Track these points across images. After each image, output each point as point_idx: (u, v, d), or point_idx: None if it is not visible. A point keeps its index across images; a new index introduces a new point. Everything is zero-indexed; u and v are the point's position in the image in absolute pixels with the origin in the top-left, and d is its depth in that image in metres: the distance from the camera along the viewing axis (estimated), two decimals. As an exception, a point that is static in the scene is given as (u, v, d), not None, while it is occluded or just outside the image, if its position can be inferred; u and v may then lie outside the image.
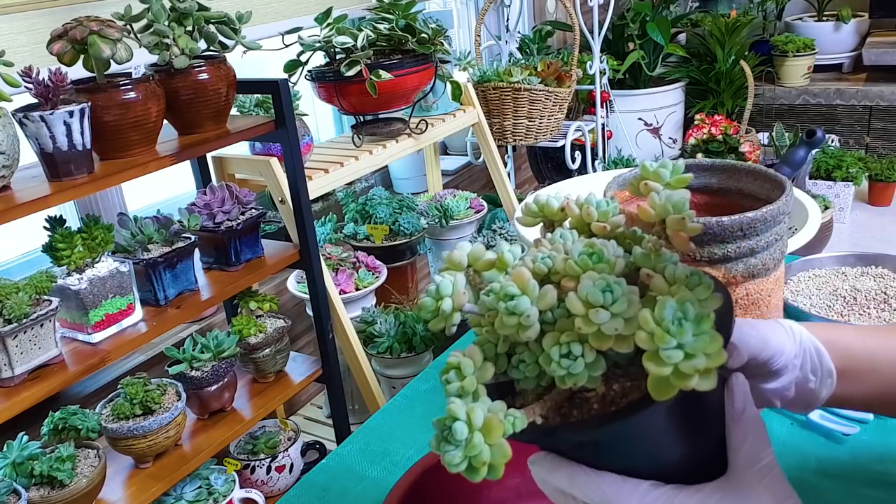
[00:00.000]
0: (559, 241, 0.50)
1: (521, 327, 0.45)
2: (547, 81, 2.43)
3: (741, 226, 0.72)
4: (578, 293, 0.44)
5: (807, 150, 2.52)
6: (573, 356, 0.44)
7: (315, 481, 0.90)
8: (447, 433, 0.43)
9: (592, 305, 0.43)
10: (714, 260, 0.74)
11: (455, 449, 0.43)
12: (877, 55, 3.59)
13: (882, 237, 3.09)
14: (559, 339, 0.45)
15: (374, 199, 2.10)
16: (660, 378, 0.42)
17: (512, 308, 0.45)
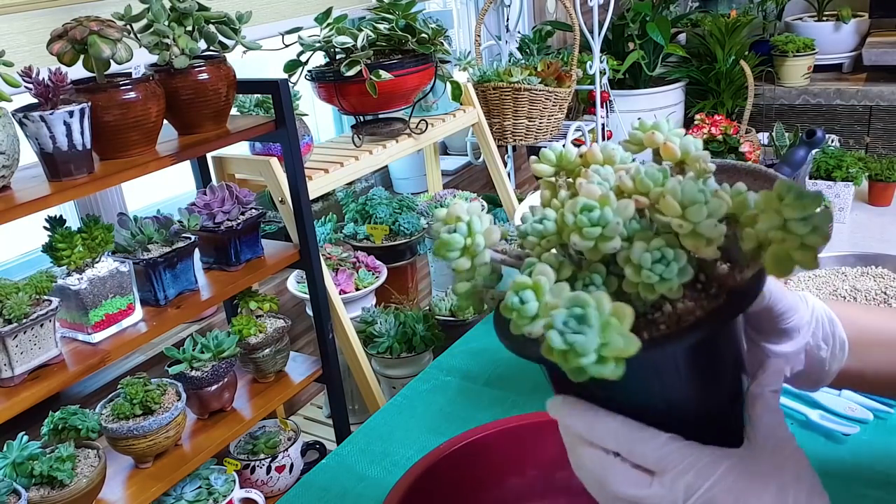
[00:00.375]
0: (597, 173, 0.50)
1: (602, 238, 0.44)
2: (547, 81, 2.43)
3: None
4: (673, 193, 0.44)
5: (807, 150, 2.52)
6: (666, 260, 0.44)
7: (315, 481, 0.90)
8: (574, 321, 0.41)
9: (690, 204, 0.43)
10: None
11: (585, 337, 0.40)
12: (877, 55, 3.59)
13: (882, 237, 3.09)
14: (649, 246, 0.44)
15: (374, 199, 2.10)
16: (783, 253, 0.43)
17: (594, 220, 0.45)
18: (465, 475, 0.78)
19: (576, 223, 0.45)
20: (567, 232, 0.46)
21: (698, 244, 0.44)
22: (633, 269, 0.45)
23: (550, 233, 0.48)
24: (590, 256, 0.47)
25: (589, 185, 0.47)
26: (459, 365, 1.12)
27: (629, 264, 0.45)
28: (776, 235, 0.43)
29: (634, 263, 0.45)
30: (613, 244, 0.45)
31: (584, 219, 0.45)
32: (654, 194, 0.46)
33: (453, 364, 1.12)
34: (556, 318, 0.41)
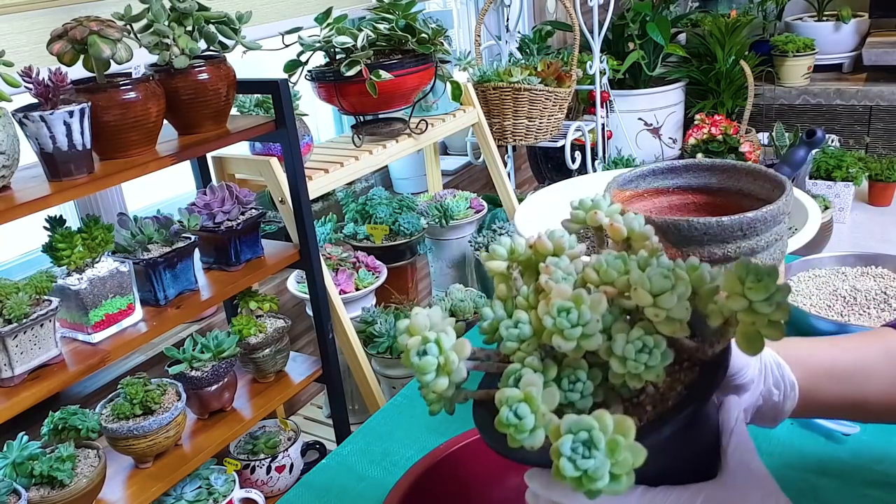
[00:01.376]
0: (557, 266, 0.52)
1: (584, 337, 0.46)
2: (547, 81, 2.43)
3: (741, 226, 0.72)
4: (642, 284, 0.46)
5: (807, 150, 2.52)
6: (648, 349, 0.46)
7: (315, 481, 0.90)
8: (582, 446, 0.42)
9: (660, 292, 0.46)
10: (714, 260, 0.74)
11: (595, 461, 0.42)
12: (877, 55, 3.59)
13: (882, 237, 3.09)
14: (629, 337, 0.47)
15: (374, 199, 2.10)
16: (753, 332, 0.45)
17: (574, 321, 0.46)
18: (465, 475, 0.78)
19: (556, 325, 0.47)
20: (547, 334, 0.48)
21: (674, 328, 0.47)
22: (618, 361, 0.47)
23: (528, 336, 0.49)
24: (572, 354, 0.48)
25: (559, 285, 0.49)
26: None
27: (614, 357, 0.47)
28: (745, 318, 0.45)
29: (619, 356, 0.47)
30: (595, 341, 0.47)
31: (563, 321, 0.47)
32: (619, 283, 0.49)
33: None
34: (563, 445, 0.42)
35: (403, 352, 0.51)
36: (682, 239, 0.74)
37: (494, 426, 0.49)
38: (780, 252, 0.78)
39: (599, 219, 0.56)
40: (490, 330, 0.53)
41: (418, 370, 0.50)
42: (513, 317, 0.51)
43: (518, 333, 0.50)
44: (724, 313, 0.47)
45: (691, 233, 0.73)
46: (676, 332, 0.47)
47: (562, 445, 0.42)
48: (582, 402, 0.50)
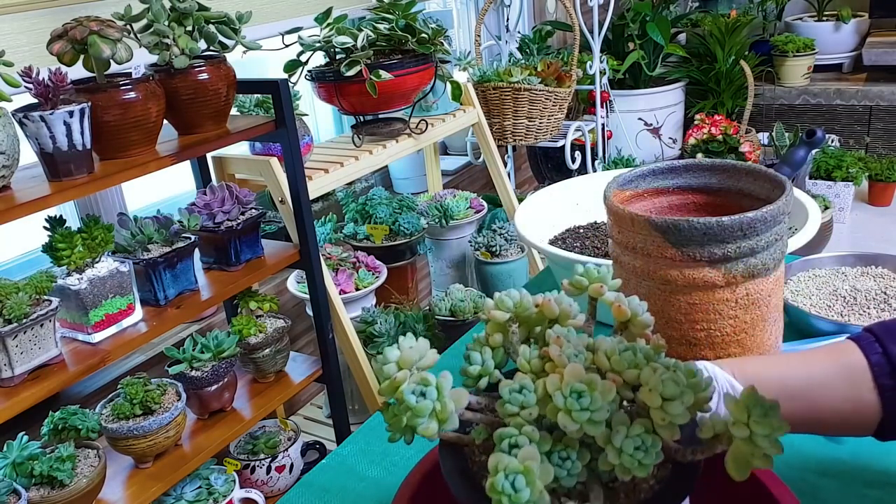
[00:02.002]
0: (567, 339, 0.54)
1: (590, 423, 0.48)
2: (547, 81, 2.43)
3: (741, 226, 0.72)
4: (655, 386, 0.48)
5: (807, 150, 2.52)
6: (644, 447, 0.48)
7: (315, 481, 0.90)
8: None
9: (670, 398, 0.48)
10: (714, 260, 0.75)
11: None
12: (877, 55, 3.59)
13: (882, 237, 3.09)
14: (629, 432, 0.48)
15: (374, 199, 2.10)
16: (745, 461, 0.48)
17: (585, 405, 0.48)
18: None
19: (566, 405, 0.48)
20: (552, 410, 0.49)
21: (673, 434, 0.48)
22: (614, 452, 0.48)
23: (531, 405, 0.50)
24: (571, 435, 0.49)
25: (574, 365, 0.50)
26: (459, 365, 1.11)
27: (611, 447, 0.48)
28: (742, 445, 0.47)
29: (616, 448, 0.48)
30: (599, 428, 0.48)
31: (574, 403, 0.48)
32: (628, 375, 0.50)
33: (453, 364, 1.12)
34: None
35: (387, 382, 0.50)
36: (682, 239, 0.74)
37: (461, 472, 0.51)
38: (780, 252, 0.78)
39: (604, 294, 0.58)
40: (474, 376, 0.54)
41: (413, 412, 0.49)
42: (516, 379, 0.51)
43: (522, 400, 0.50)
44: (717, 430, 0.49)
45: (691, 233, 0.73)
46: (672, 438, 0.49)
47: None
48: (567, 480, 0.50)
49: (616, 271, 0.84)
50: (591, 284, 0.59)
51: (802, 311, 1.05)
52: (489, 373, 0.55)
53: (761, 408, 0.47)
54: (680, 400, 0.48)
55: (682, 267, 0.76)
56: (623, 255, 0.81)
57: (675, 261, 0.75)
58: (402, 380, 0.50)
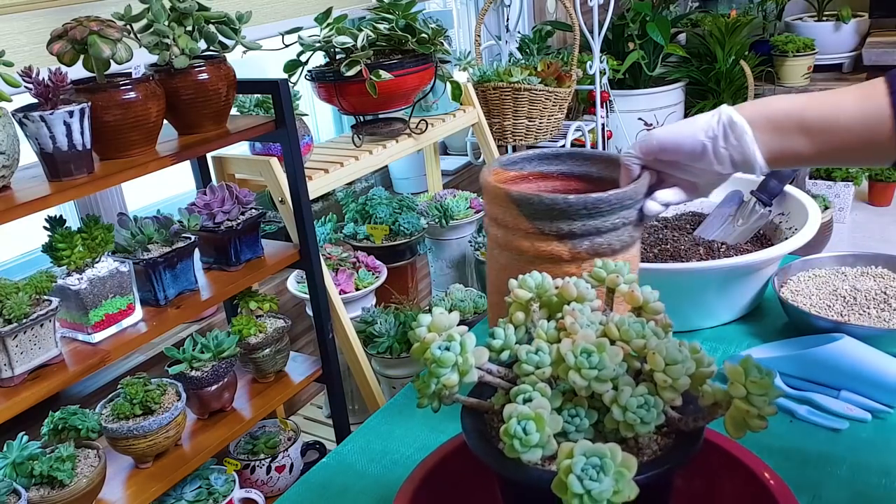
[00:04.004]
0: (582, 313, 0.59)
1: (597, 380, 0.53)
2: (547, 81, 2.43)
3: (585, 205, 0.78)
4: (660, 351, 0.54)
5: (807, 150, 2.52)
6: (647, 406, 0.53)
7: (315, 480, 0.90)
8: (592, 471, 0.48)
9: (672, 363, 0.54)
10: (561, 235, 0.80)
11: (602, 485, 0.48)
12: (877, 55, 3.59)
13: (882, 237, 3.09)
14: (634, 392, 0.54)
15: (374, 199, 2.10)
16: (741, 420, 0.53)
17: (593, 363, 0.53)
18: None
19: (576, 363, 0.54)
20: (564, 369, 0.54)
21: (674, 396, 0.54)
22: (620, 409, 0.53)
23: (546, 365, 0.56)
24: (580, 392, 0.55)
25: (585, 330, 0.56)
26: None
27: (616, 405, 0.54)
28: (739, 405, 0.52)
29: (621, 406, 0.53)
30: (606, 386, 0.54)
31: (584, 361, 0.54)
32: (635, 344, 0.56)
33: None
34: (576, 464, 0.48)
35: (418, 343, 0.56)
36: (533, 212, 0.80)
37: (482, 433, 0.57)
38: (629, 236, 0.83)
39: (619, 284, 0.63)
40: (497, 349, 0.59)
41: (437, 362, 0.55)
42: (533, 343, 0.57)
43: (537, 360, 0.56)
44: (717, 396, 0.54)
45: (541, 207, 0.79)
46: (674, 401, 0.54)
47: (574, 464, 0.48)
48: (575, 435, 0.55)
49: (487, 244, 0.91)
50: (608, 275, 0.64)
51: (802, 310, 1.05)
52: (510, 347, 0.59)
53: (757, 371, 0.52)
54: (682, 364, 0.53)
55: (532, 239, 0.82)
56: (490, 227, 0.88)
57: (528, 233, 0.81)
58: (432, 340, 0.56)
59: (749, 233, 1.24)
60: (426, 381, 0.56)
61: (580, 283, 0.62)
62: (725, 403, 0.53)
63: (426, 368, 0.56)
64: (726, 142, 0.74)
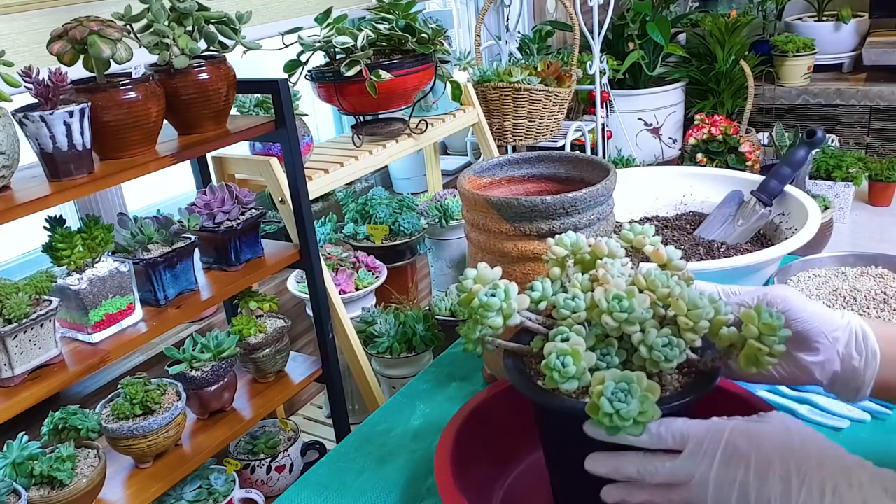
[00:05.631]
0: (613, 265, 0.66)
1: (627, 322, 0.60)
2: (547, 81, 2.43)
3: (563, 204, 0.83)
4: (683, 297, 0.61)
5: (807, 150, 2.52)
6: (671, 346, 0.60)
7: (315, 480, 0.90)
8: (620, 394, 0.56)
9: (693, 308, 0.60)
10: (542, 234, 0.85)
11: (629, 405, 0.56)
12: (877, 55, 3.59)
13: (882, 237, 3.09)
14: (659, 333, 0.60)
15: (374, 199, 2.10)
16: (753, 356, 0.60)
17: (624, 307, 0.60)
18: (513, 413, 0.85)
19: (608, 308, 0.61)
20: (598, 312, 0.61)
21: (693, 337, 0.61)
22: (646, 348, 0.60)
23: (581, 310, 0.63)
24: (610, 333, 0.62)
25: (616, 279, 0.63)
26: (459, 364, 1.12)
27: (643, 344, 0.60)
28: (751, 343, 0.59)
29: (648, 345, 0.60)
30: (634, 328, 0.60)
31: (615, 305, 0.60)
32: (660, 293, 0.62)
33: (453, 363, 1.12)
34: (607, 387, 0.56)
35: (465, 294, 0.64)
36: (513, 215, 0.85)
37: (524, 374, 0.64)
38: (605, 231, 0.88)
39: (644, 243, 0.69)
40: (536, 300, 0.66)
41: (483, 307, 0.62)
42: (570, 292, 0.64)
43: (574, 305, 0.63)
44: (733, 339, 0.61)
45: (521, 209, 0.84)
46: (694, 342, 0.61)
47: (606, 388, 0.56)
48: None
49: (468, 249, 0.95)
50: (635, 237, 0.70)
51: (802, 310, 1.04)
52: (547, 298, 0.66)
53: (769, 314, 0.59)
54: (702, 310, 0.60)
55: (515, 240, 0.86)
56: (472, 233, 0.92)
57: (510, 235, 0.86)
58: (478, 290, 0.63)
59: (749, 233, 1.24)
60: (471, 327, 0.63)
61: (611, 242, 0.68)
62: (740, 344, 0.60)
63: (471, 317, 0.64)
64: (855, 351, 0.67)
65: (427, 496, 0.85)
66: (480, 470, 0.80)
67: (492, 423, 0.83)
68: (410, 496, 0.85)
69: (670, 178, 1.40)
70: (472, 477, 0.77)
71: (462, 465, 0.75)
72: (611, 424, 0.55)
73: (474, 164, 0.98)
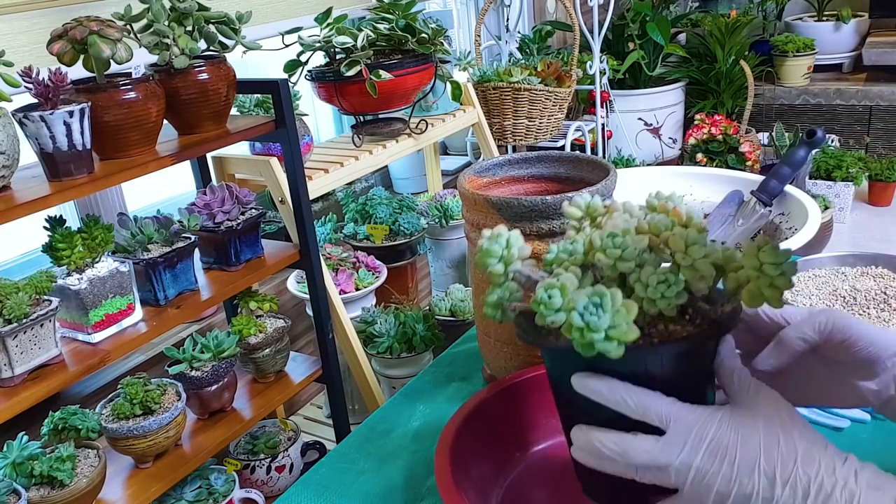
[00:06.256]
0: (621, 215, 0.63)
1: (621, 259, 0.58)
2: (547, 81, 2.43)
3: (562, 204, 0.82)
4: (681, 235, 0.58)
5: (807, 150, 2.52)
6: (668, 283, 0.57)
7: (315, 480, 0.90)
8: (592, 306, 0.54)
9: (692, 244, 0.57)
10: (542, 234, 0.85)
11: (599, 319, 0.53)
12: (877, 55, 3.59)
13: (882, 237, 3.09)
14: (655, 270, 0.58)
15: (374, 199, 2.10)
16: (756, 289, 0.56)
17: (617, 244, 0.58)
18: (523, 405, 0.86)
19: (602, 245, 0.59)
20: (593, 252, 0.59)
21: (693, 276, 0.57)
22: (641, 286, 0.58)
23: (578, 253, 0.62)
24: (607, 274, 0.60)
25: (616, 220, 0.60)
26: (459, 364, 1.12)
27: (639, 283, 0.58)
28: (752, 275, 0.56)
29: (643, 282, 0.57)
30: (629, 265, 0.58)
31: (609, 242, 0.58)
32: (664, 236, 0.60)
33: (453, 363, 1.12)
34: (578, 303, 0.54)
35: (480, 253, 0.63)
36: (513, 215, 0.85)
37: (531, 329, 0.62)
38: None
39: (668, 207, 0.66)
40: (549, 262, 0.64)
41: (485, 254, 0.62)
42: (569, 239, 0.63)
43: (571, 248, 0.62)
44: (740, 279, 0.57)
45: (520, 209, 0.84)
46: (694, 282, 0.57)
47: (577, 303, 0.54)
48: None
49: (469, 249, 0.94)
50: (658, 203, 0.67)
51: (802, 310, 1.04)
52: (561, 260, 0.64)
53: (771, 246, 0.56)
54: (701, 247, 0.57)
55: None
56: (472, 233, 0.92)
57: None
58: None
59: (749, 233, 1.24)
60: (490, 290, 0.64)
61: (628, 203, 0.66)
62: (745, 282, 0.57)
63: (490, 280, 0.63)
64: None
65: (427, 496, 0.85)
66: (480, 470, 0.80)
67: (492, 423, 0.83)
68: (410, 496, 0.85)
69: (670, 178, 1.40)
70: (472, 477, 0.77)
71: (462, 465, 0.75)
72: (582, 340, 0.53)
73: (474, 164, 0.99)
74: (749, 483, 0.54)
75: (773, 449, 0.55)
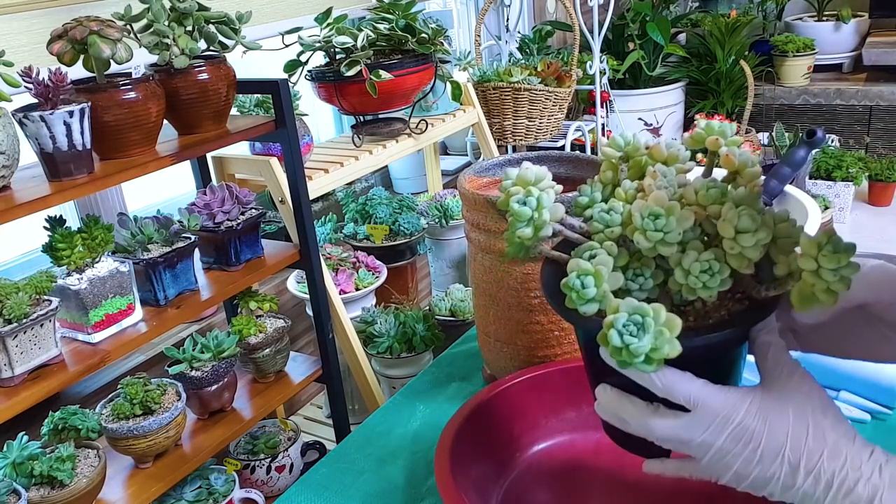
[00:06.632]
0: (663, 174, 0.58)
1: (662, 243, 0.53)
2: (547, 81, 2.43)
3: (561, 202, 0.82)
4: (731, 219, 0.52)
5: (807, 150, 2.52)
6: (711, 271, 0.52)
7: (315, 480, 0.90)
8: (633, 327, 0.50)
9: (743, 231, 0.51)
10: None
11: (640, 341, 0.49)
12: (877, 55, 3.59)
13: (882, 237, 3.09)
14: (699, 256, 0.53)
15: (374, 199, 2.10)
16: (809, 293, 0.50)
17: (660, 226, 0.53)
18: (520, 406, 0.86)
19: (642, 225, 0.53)
20: (632, 230, 0.54)
21: (741, 264, 0.52)
22: (682, 272, 0.53)
23: (615, 224, 0.56)
24: (646, 253, 0.55)
25: (658, 192, 0.54)
26: (459, 364, 1.12)
27: (680, 268, 0.53)
28: (808, 277, 0.50)
29: (684, 269, 0.53)
30: (671, 250, 0.53)
31: (650, 223, 0.53)
32: (712, 209, 0.54)
33: (453, 363, 1.12)
34: (617, 319, 0.50)
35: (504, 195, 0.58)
36: None
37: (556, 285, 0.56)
38: None
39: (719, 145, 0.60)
40: (583, 206, 0.60)
41: (514, 216, 0.57)
42: (608, 203, 0.57)
43: (608, 219, 0.56)
44: (791, 267, 0.52)
45: None
46: (742, 268, 0.52)
47: (616, 319, 0.50)
48: (638, 294, 0.56)
49: (469, 248, 0.94)
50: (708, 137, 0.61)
51: (802, 310, 1.04)
52: (595, 203, 0.60)
53: (833, 245, 0.49)
54: (752, 234, 0.51)
55: None
56: (472, 232, 0.92)
57: None
58: (515, 193, 0.57)
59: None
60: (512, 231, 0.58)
61: (673, 143, 0.61)
62: (797, 275, 0.51)
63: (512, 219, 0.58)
64: None
65: (427, 496, 0.85)
66: (480, 470, 0.80)
67: (492, 423, 0.83)
68: (410, 496, 0.85)
69: (670, 178, 1.40)
70: (472, 477, 0.77)
71: (462, 465, 0.75)
72: (621, 359, 0.50)
73: (474, 164, 0.99)
74: (771, 468, 0.54)
75: (800, 439, 0.54)
